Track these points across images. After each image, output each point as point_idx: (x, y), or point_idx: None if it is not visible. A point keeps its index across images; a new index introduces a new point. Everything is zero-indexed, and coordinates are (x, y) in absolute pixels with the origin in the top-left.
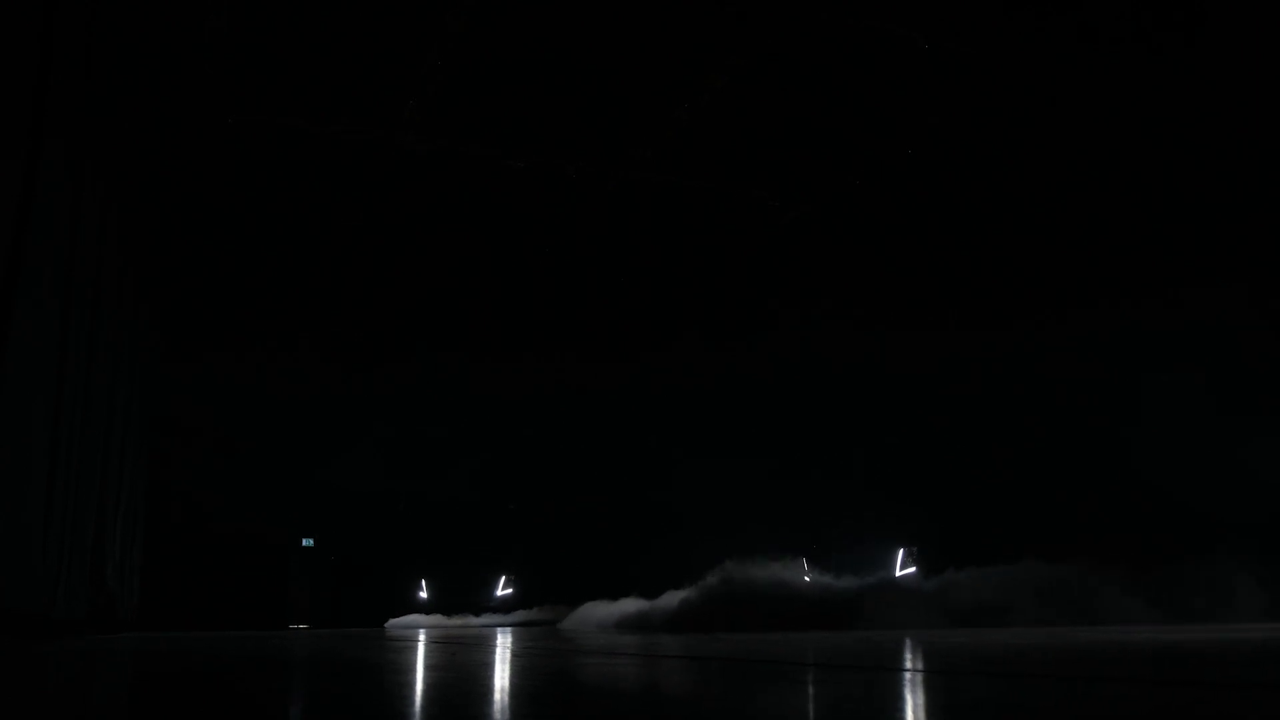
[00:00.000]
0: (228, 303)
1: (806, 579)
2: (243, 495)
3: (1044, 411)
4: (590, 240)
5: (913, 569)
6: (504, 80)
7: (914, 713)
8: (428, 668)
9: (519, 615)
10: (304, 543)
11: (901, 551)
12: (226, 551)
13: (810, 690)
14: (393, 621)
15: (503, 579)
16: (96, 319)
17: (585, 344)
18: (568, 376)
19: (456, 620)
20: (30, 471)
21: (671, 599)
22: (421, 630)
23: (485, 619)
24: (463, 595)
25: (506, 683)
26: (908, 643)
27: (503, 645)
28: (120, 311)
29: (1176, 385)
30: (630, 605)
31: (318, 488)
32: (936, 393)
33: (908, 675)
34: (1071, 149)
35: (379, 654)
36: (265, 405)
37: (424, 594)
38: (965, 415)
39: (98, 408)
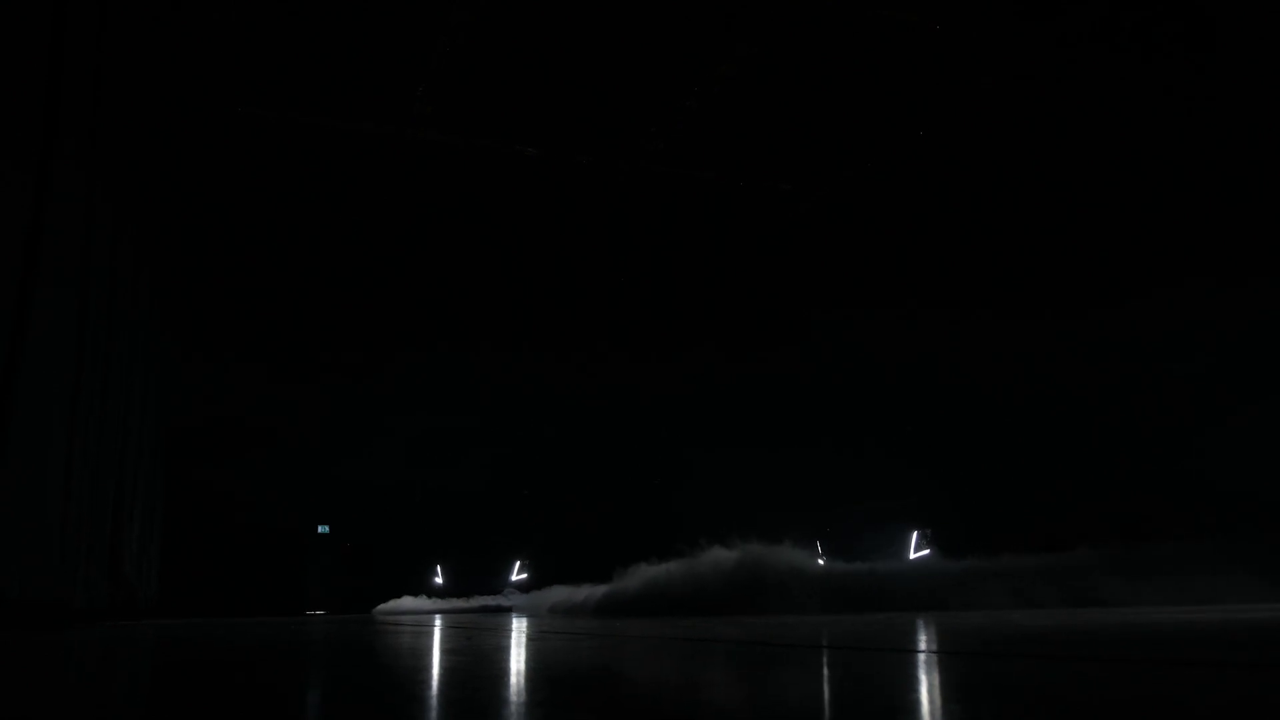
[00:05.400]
0: (243, 299)
1: (820, 562)
2: (260, 486)
3: (1060, 405)
4: (600, 234)
5: (926, 551)
6: (513, 74)
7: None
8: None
9: (513, 599)
10: (319, 529)
11: (915, 534)
12: (244, 540)
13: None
14: (381, 606)
15: (517, 564)
16: (113, 316)
17: (596, 337)
18: (579, 370)
19: (456, 604)
20: (48, 468)
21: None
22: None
23: (478, 601)
24: (477, 580)
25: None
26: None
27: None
28: (136, 308)
29: (1190, 380)
30: (583, 591)
31: (333, 478)
32: (951, 383)
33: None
34: (1092, 143)
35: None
36: (282, 398)
37: (439, 579)
38: (976, 406)
39: (114, 406)
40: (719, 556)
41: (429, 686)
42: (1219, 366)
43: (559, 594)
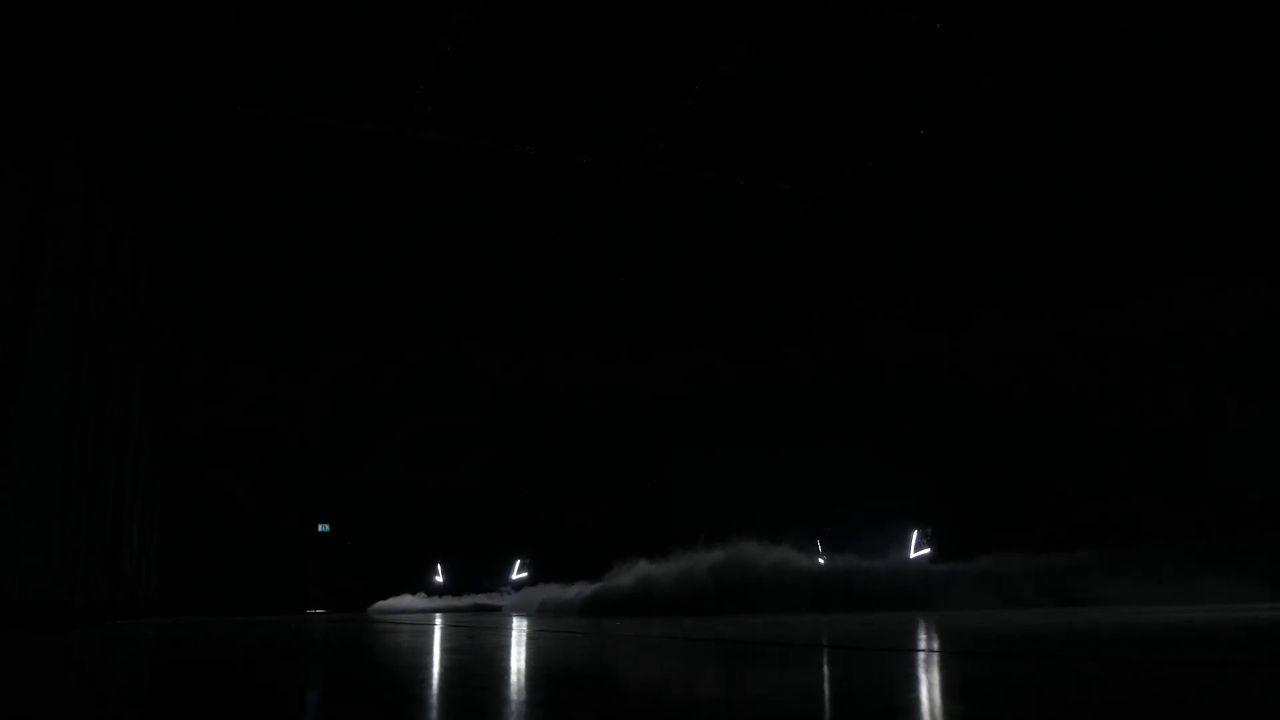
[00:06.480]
0: (243, 299)
1: (821, 561)
2: (260, 486)
3: (1060, 405)
4: (600, 234)
5: (927, 550)
6: (513, 74)
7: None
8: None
9: (507, 597)
10: (320, 528)
11: (915, 533)
12: (244, 540)
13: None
14: (376, 605)
15: (517, 563)
16: (113, 316)
17: (596, 337)
18: (578, 370)
19: (450, 602)
20: (48, 468)
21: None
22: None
23: (469, 599)
24: (477, 579)
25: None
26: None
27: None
28: (136, 308)
29: (1190, 380)
30: (573, 590)
31: (333, 478)
32: (951, 383)
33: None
34: (1092, 143)
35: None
36: (282, 398)
37: (439, 578)
38: (976, 406)
39: (114, 406)
40: (709, 555)
41: (429, 686)
42: (1219, 366)
43: (550, 592)
